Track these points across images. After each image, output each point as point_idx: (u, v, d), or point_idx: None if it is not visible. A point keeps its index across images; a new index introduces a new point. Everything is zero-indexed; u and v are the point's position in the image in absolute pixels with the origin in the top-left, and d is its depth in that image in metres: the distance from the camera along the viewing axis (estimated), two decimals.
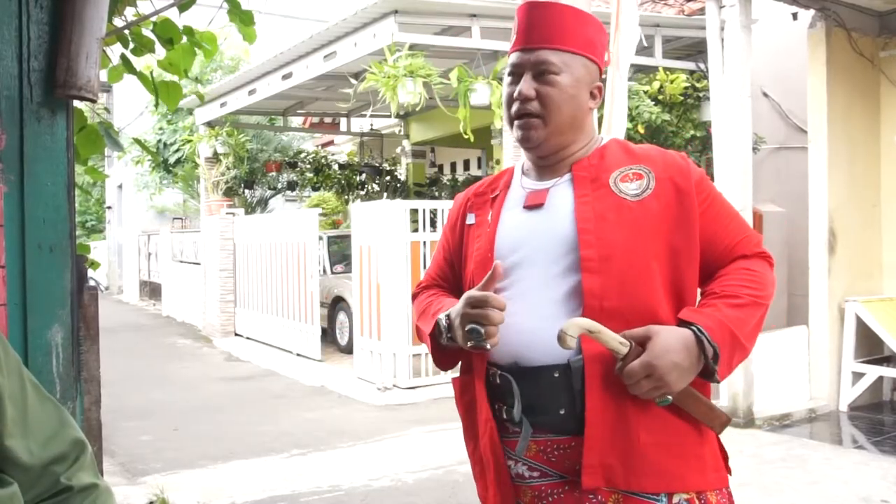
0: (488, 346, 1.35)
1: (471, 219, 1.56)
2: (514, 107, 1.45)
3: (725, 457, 1.44)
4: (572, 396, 1.34)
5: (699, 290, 1.45)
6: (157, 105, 2.68)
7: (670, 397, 1.30)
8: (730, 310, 1.35)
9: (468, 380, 1.50)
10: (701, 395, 1.35)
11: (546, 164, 1.49)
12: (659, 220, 1.37)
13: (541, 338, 1.35)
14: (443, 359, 1.56)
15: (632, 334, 1.30)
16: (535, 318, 1.38)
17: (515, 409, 1.37)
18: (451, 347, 1.47)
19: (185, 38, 2.36)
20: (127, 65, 2.36)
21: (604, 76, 5.76)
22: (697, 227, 1.39)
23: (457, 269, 1.60)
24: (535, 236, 1.42)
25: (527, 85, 1.43)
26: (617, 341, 1.29)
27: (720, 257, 1.43)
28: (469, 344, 1.36)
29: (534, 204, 1.46)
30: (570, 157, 1.48)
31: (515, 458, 1.42)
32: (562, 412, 1.35)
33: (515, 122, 1.46)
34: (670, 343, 1.29)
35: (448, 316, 1.44)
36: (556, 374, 1.35)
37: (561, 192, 1.45)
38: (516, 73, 1.46)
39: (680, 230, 1.38)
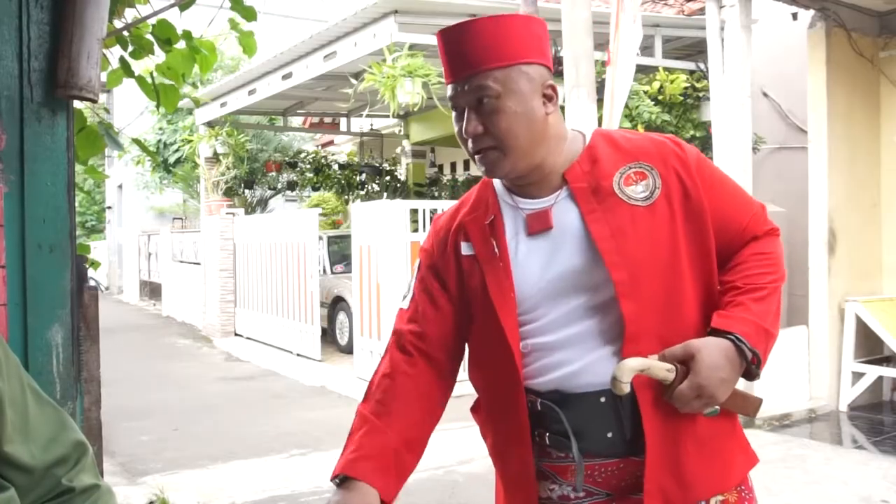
0: None
1: (467, 249, 1.41)
2: (469, 145, 1.33)
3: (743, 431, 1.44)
4: (619, 419, 1.31)
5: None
6: (157, 108, 2.70)
7: (718, 407, 1.30)
8: (756, 305, 1.32)
9: (500, 419, 1.42)
10: (736, 388, 1.34)
11: (528, 182, 1.37)
12: (672, 219, 1.33)
13: (582, 367, 1.31)
14: None
15: (672, 354, 1.26)
16: (574, 350, 1.33)
17: (573, 444, 1.32)
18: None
19: (183, 43, 2.36)
20: (126, 69, 2.36)
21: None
22: (709, 215, 1.34)
23: (451, 301, 1.44)
24: (555, 266, 1.34)
25: (471, 122, 1.30)
26: (664, 370, 1.26)
27: (733, 240, 1.39)
28: None
29: (540, 230, 1.35)
30: (556, 167, 1.36)
31: (559, 482, 1.39)
32: (609, 435, 1.32)
33: (476, 158, 1.35)
34: (714, 359, 1.25)
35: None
36: (603, 400, 1.31)
37: (565, 211, 1.35)
38: (458, 109, 1.34)
39: (693, 223, 1.34)
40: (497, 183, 1.44)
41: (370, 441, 1.33)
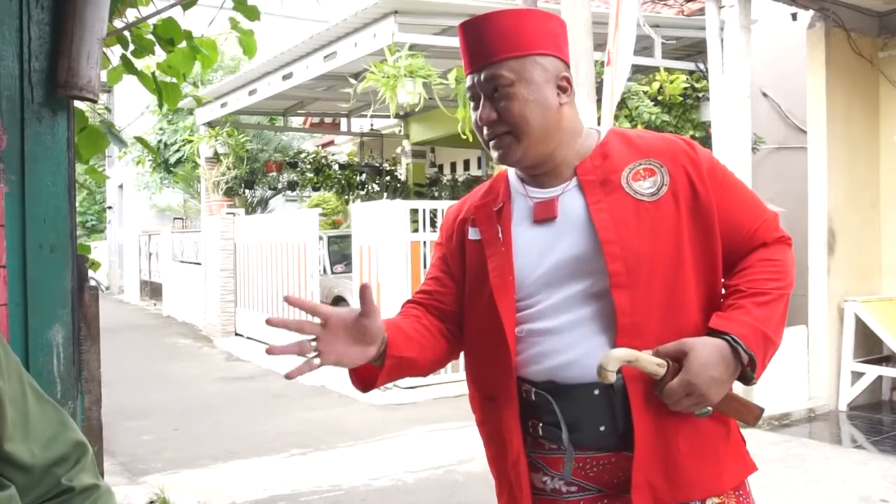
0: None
1: (474, 234, 1.45)
2: (484, 132, 1.38)
3: (743, 440, 1.43)
4: (613, 413, 1.31)
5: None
6: (160, 105, 2.71)
7: (710, 408, 1.29)
8: (758, 309, 1.31)
9: (491, 406, 1.43)
10: (734, 394, 1.34)
11: (540, 171, 1.40)
12: (678, 217, 1.33)
13: (577, 357, 1.31)
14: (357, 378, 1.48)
15: (666, 351, 1.26)
16: (569, 337, 1.33)
17: (563, 433, 1.32)
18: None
19: (184, 43, 2.36)
20: (127, 65, 2.37)
21: (600, 71, 5.65)
22: (716, 217, 1.34)
23: (457, 285, 1.50)
24: (555, 252, 1.35)
25: (485, 109, 1.36)
26: (654, 364, 1.25)
27: (741, 245, 1.38)
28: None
29: (546, 217, 1.38)
30: (567, 159, 1.39)
31: (552, 475, 1.39)
32: (602, 429, 1.32)
33: (490, 145, 1.39)
34: (707, 358, 1.25)
35: None
36: (596, 392, 1.31)
37: (572, 201, 1.36)
38: (475, 98, 1.39)
39: (700, 224, 1.33)
40: (511, 174, 1.48)
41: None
